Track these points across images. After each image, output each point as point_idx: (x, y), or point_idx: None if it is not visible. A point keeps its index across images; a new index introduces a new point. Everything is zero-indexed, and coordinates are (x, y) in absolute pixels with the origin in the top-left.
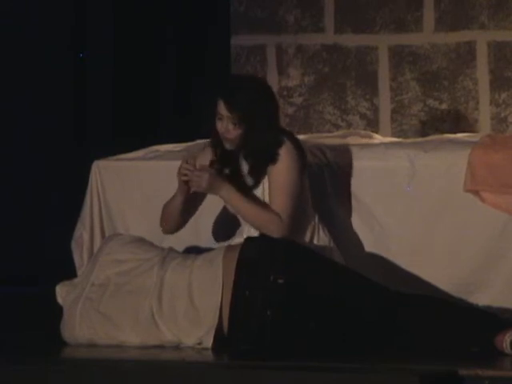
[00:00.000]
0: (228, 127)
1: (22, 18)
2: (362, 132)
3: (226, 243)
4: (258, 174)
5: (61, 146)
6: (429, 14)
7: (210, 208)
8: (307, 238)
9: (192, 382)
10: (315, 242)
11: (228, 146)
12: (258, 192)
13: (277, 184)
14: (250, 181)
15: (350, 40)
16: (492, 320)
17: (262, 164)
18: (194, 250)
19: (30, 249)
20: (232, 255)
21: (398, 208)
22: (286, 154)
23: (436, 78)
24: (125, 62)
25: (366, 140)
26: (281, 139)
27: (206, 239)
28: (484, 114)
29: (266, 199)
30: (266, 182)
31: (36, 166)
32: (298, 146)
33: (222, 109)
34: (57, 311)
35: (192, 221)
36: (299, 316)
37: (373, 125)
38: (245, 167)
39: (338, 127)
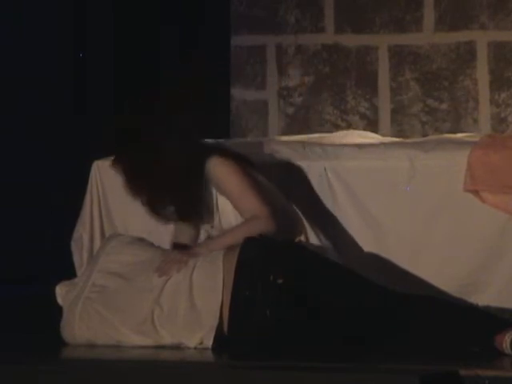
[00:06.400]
0: None
1: (22, 17)
2: (362, 132)
3: None
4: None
5: (61, 145)
6: (429, 14)
7: None
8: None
9: (192, 382)
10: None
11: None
12: (215, 221)
13: (232, 195)
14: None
15: (350, 40)
16: (492, 320)
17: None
18: None
19: (30, 249)
20: (232, 255)
21: (398, 208)
22: (217, 167)
23: (436, 78)
24: (125, 62)
25: (365, 140)
26: (202, 162)
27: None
28: (484, 114)
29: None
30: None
31: (36, 165)
32: (226, 154)
33: None
34: (57, 311)
35: None
36: (299, 316)
37: (373, 125)
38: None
39: (337, 127)
